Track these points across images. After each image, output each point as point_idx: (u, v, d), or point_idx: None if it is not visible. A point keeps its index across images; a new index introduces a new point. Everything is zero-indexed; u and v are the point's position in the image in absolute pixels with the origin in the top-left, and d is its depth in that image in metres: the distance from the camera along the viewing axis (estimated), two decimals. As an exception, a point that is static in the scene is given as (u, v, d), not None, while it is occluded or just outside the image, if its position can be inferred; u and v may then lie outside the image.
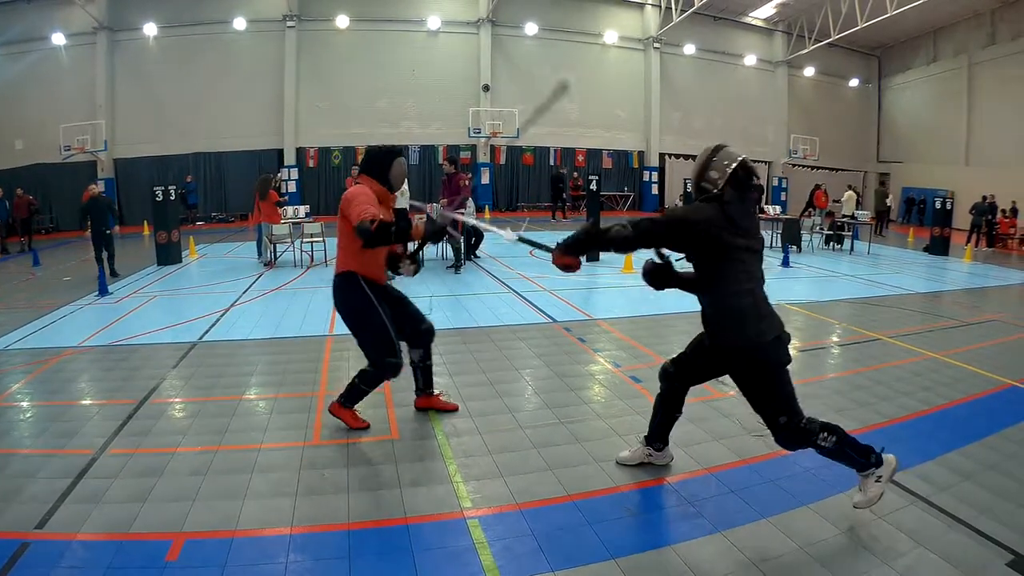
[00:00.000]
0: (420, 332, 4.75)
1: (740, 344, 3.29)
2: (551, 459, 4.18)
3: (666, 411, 3.88)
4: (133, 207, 22.62)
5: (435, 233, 4.04)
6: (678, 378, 3.79)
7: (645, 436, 4.01)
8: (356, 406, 4.65)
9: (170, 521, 3.40)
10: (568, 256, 3.36)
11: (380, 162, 4.46)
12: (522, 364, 6.39)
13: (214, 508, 3.54)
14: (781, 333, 3.34)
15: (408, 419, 4.87)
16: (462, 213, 11.82)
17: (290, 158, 25.14)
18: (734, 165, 3.25)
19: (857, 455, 3.35)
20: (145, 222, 19.49)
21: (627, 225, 3.20)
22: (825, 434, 3.29)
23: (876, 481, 3.35)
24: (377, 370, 4.44)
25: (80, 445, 4.38)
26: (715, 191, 3.24)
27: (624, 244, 3.22)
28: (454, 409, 5.00)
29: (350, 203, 4.14)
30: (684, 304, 8.69)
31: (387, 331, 4.38)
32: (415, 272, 4.65)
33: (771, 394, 3.32)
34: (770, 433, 3.39)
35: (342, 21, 25.01)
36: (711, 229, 3.15)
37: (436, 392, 5.05)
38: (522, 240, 3.75)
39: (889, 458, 3.42)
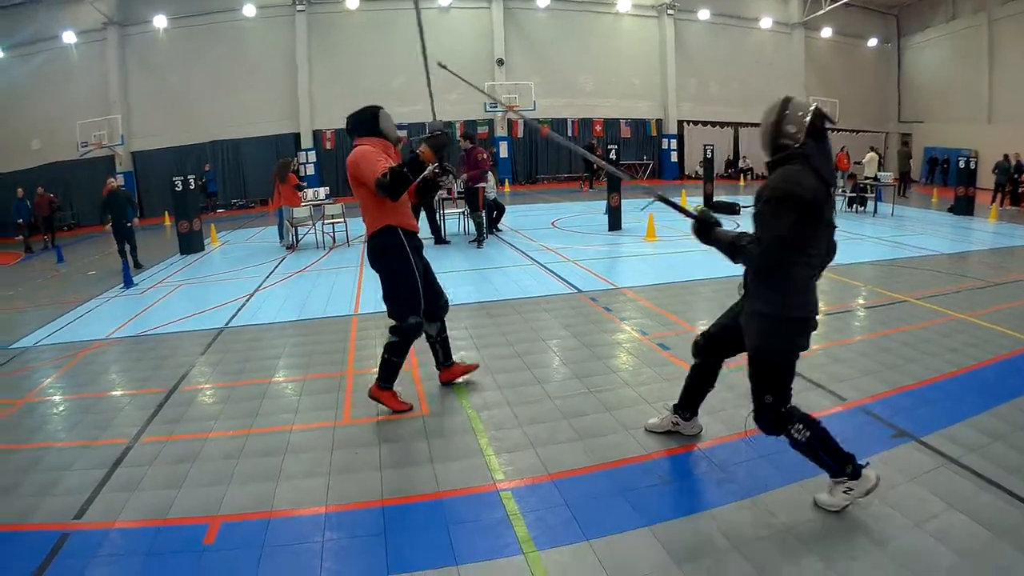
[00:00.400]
0: (438, 306, 4.80)
1: (767, 311, 3.17)
2: (581, 429, 4.19)
3: (699, 383, 3.84)
4: (153, 199, 22.75)
5: (440, 144, 4.22)
6: (709, 352, 3.73)
7: (674, 404, 3.98)
8: (397, 388, 4.64)
9: (206, 505, 3.45)
10: (698, 233, 3.26)
11: (367, 122, 4.51)
12: (549, 335, 6.39)
13: (249, 491, 3.58)
14: (811, 317, 3.20)
15: (436, 394, 4.90)
16: (483, 187, 11.84)
17: (307, 141, 25.20)
18: (810, 115, 3.08)
19: (832, 460, 3.17)
20: (166, 212, 19.65)
21: (745, 245, 3.04)
22: (801, 426, 3.15)
23: (845, 492, 3.17)
24: (400, 334, 4.46)
25: (114, 435, 4.45)
26: (796, 146, 3.05)
27: (747, 261, 3.12)
28: (475, 368, 5.11)
29: (359, 166, 4.22)
30: (707, 270, 8.95)
31: (417, 293, 4.44)
32: (449, 176, 4.74)
33: (772, 370, 3.22)
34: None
35: (352, 2, 24.87)
36: (817, 200, 2.97)
37: (455, 362, 5.08)
38: (662, 199, 3.70)
39: (868, 475, 3.17)
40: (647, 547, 2.97)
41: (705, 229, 3.21)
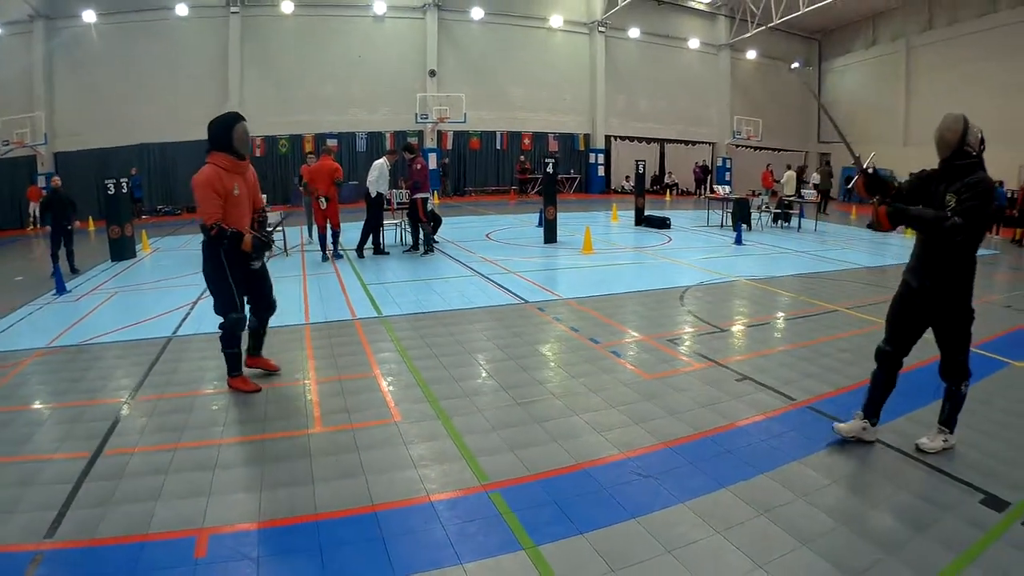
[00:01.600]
0: (263, 306, 5.44)
1: (959, 285, 3.80)
2: (553, 431, 4.36)
3: (884, 388, 4.16)
4: (76, 202, 21.71)
5: (261, 247, 5.06)
6: (898, 353, 4.10)
7: (863, 409, 4.23)
8: (246, 372, 5.35)
9: (188, 518, 3.37)
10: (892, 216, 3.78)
11: (221, 133, 4.94)
12: (502, 343, 6.53)
13: (231, 501, 3.54)
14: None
15: (404, 400, 4.96)
16: (424, 197, 11.90)
17: (236, 147, 24.53)
18: (980, 131, 3.77)
19: (955, 415, 4.01)
20: (90, 217, 18.86)
21: (951, 218, 3.58)
22: (967, 384, 3.96)
23: (943, 440, 4.01)
24: (225, 327, 5.08)
25: (74, 448, 4.26)
26: (974, 154, 3.73)
27: (930, 227, 3.69)
28: (277, 369, 5.63)
29: (196, 192, 4.84)
30: (645, 282, 9.48)
31: (232, 292, 5.04)
32: (258, 256, 5.19)
33: (965, 338, 3.87)
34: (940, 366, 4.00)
35: (287, 6, 24.54)
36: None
37: (261, 356, 5.66)
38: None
39: (952, 437, 4.04)
40: (637, 537, 3.16)
41: (900, 212, 3.80)
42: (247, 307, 5.31)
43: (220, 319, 5.10)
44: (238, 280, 5.06)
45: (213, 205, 4.77)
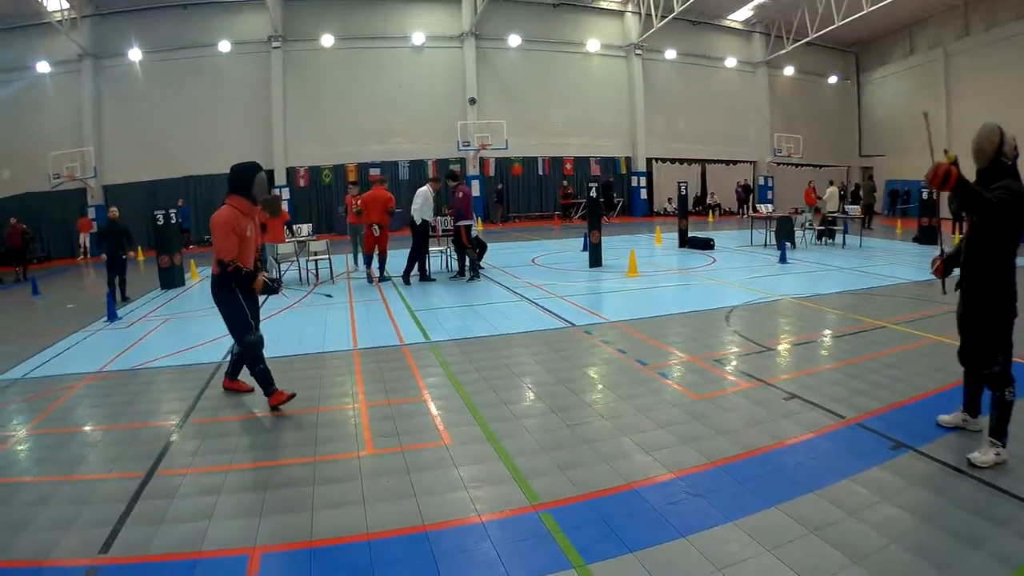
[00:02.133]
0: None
1: (992, 290, 3.96)
2: (603, 452, 4.32)
3: (970, 387, 4.40)
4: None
5: (269, 291, 5.46)
6: (966, 360, 4.31)
7: (963, 404, 4.48)
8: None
9: (240, 537, 3.41)
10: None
11: (244, 179, 5.28)
12: (552, 366, 6.51)
13: (284, 521, 3.58)
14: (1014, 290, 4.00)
15: (454, 424, 4.97)
16: (467, 224, 11.99)
17: (280, 178, 25.18)
18: (1015, 140, 3.93)
19: (1004, 424, 3.94)
20: (139, 247, 19.43)
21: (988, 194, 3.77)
22: (1011, 391, 3.97)
23: (996, 454, 3.91)
24: (245, 349, 5.42)
25: (127, 468, 4.36)
26: (1009, 164, 3.88)
27: (982, 204, 3.74)
28: (251, 390, 5.86)
29: (215, 232, 5.19)
30: (690, 303, 9.42)
31: (246, 314, 5.38)
32: (262, 292, 5.53)
33: (997, 331, 3.98)
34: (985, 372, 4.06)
35: (327, 40, 25.18)
36: None
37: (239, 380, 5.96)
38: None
39: (1004, 451, 3.95)
40: (686, 555, 3.12)
41: (965, 181, 3.76)
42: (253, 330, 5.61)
43: (240, 347, 5.52)
44: (251, 306, 5.46)
45: (231, 243, 5.15)
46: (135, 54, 23.45)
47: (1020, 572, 2.90)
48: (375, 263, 12.40)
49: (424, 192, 12.12)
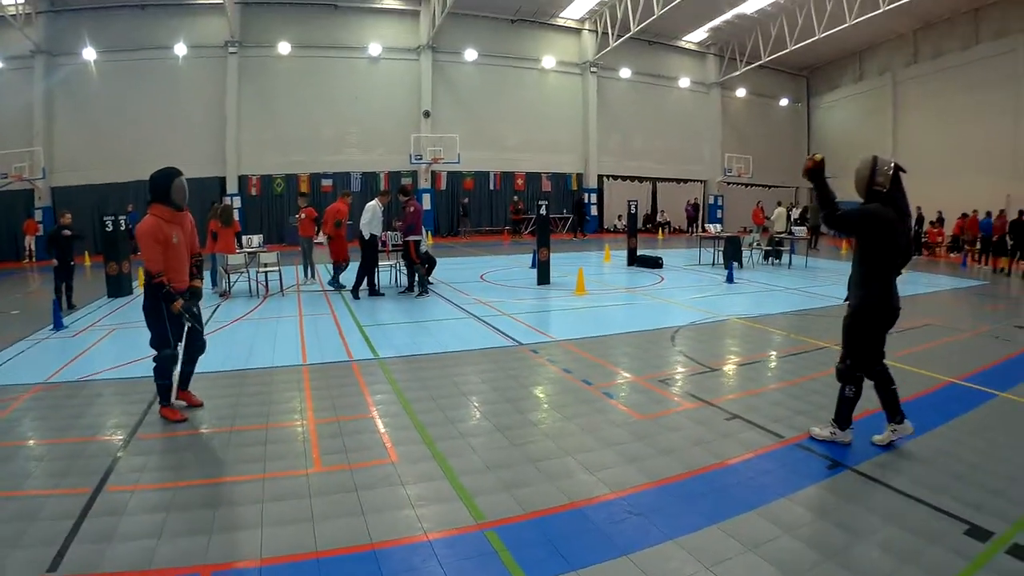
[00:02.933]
0: (195, 347, 5.89)
1: (859, 303, 4.69)
2: (547, 471, 4.45)
3: (884, 392, 4.78)
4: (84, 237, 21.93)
5: (190, 314, 5.61)
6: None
7: (887, 420, 4.82)
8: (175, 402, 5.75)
9: (190, 555, 3.43)
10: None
11: (161, 186, 5.41)
12: (498, 385, 6.62)
13: (234, 539, 3.61)
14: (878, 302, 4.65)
15: (401, 442, 5.04)
16: (417, 240, 12.07)
17: (232, 186, 24.89)
18: (891, 168, 4.42)
19: (843, 413, 4.78)
20: (87, 252, 18.97)
21: (839, 208, 4.47)
22: (850, 388, 4.73)
23: (831, 432, 4.83)
24: (158, 361, 5.51)
25: (75, 484, 4.31)
26: (884, 191, 4.41)
27: (833, 213, 4.50)
28: (200, 404, 5.92)
29: (140, 242, 5.32)
30: (637, 323, 9.69)
31: (167, 332, 5.48)
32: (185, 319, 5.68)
33: (852, 338, 4.75)
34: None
35: (284, 47, 25.00)
36: (893, 225, 4.41)
37: (190, 392, 6.00)
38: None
39: (842, 433, 4.80)
40: (628, 573, 3.26)
41: (822, 177, 4.58)
42: (180, 345, 5.74)
43: (157, 352, 5.56)
44: (173, 322, 5.52)
45: (155, 253, 5.30)
46: (90, 53, 22.92)
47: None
48: (335, 270, 12.98)
49: (373, 206, 12.18)
